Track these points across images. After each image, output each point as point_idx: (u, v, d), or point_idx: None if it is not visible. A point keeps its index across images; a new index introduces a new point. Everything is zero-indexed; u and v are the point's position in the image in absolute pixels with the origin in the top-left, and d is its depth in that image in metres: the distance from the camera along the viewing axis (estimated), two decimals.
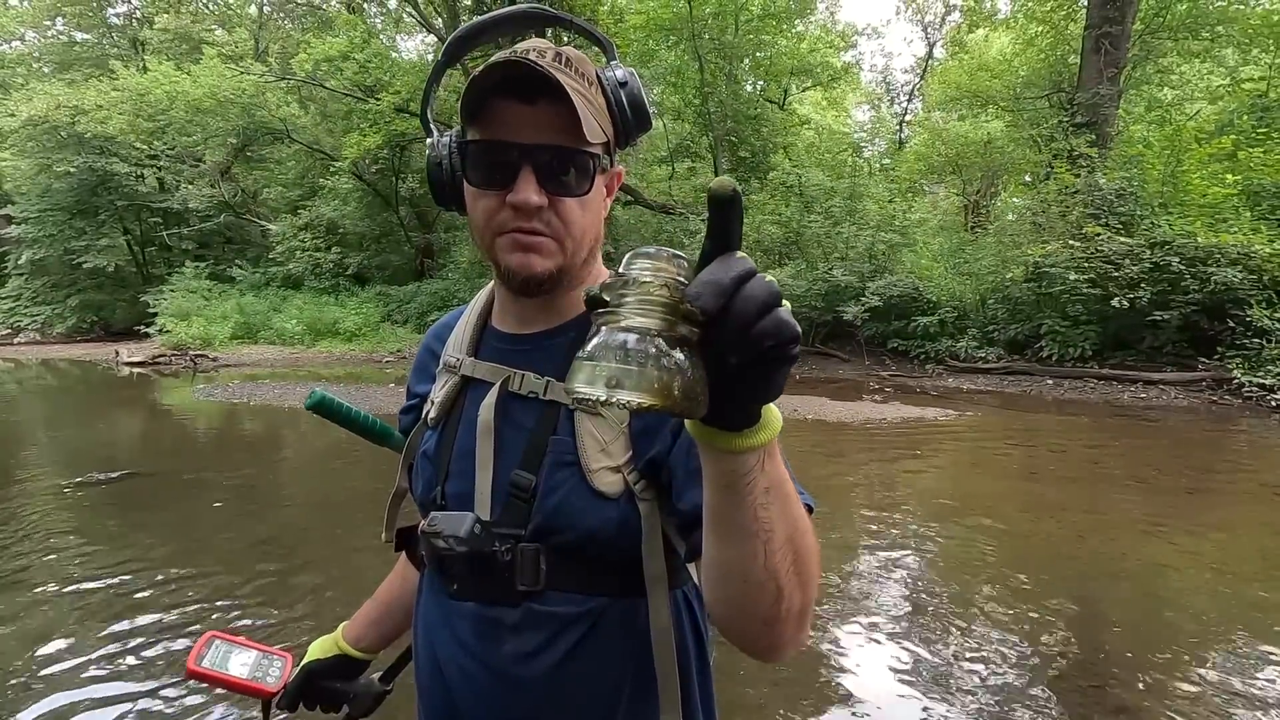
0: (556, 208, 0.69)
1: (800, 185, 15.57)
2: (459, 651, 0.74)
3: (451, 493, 0.75)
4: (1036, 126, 16.23)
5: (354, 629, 0.99)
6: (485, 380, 0.77)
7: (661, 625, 0.70)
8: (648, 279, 0.42)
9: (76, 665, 2.70)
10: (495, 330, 0.81)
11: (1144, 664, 2.74)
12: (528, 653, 0.70)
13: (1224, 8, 14.88)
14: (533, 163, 0.67)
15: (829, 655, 2.83)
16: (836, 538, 4.22)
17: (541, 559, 0.70)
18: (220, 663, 0.95)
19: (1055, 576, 3.64)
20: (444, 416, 0.79)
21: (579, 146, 0.67)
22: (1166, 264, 10.06)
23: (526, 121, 0.66)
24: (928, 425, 7.85)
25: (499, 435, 0.73)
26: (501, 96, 0.66)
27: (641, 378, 0.39)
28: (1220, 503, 5.09)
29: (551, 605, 0.70)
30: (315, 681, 0.96)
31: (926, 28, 28.09)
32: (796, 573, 0.54)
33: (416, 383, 0.89)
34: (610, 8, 18.57)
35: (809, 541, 0.55)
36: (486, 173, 0.69)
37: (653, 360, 0.39)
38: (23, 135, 20.82)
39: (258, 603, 3.28)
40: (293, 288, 21.06)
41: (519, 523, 0.70)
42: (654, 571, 0.69)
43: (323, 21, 24.39)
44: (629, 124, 0.74)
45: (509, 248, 0.70)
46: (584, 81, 0.69)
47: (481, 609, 0.72)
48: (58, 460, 6.53)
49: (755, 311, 0.40)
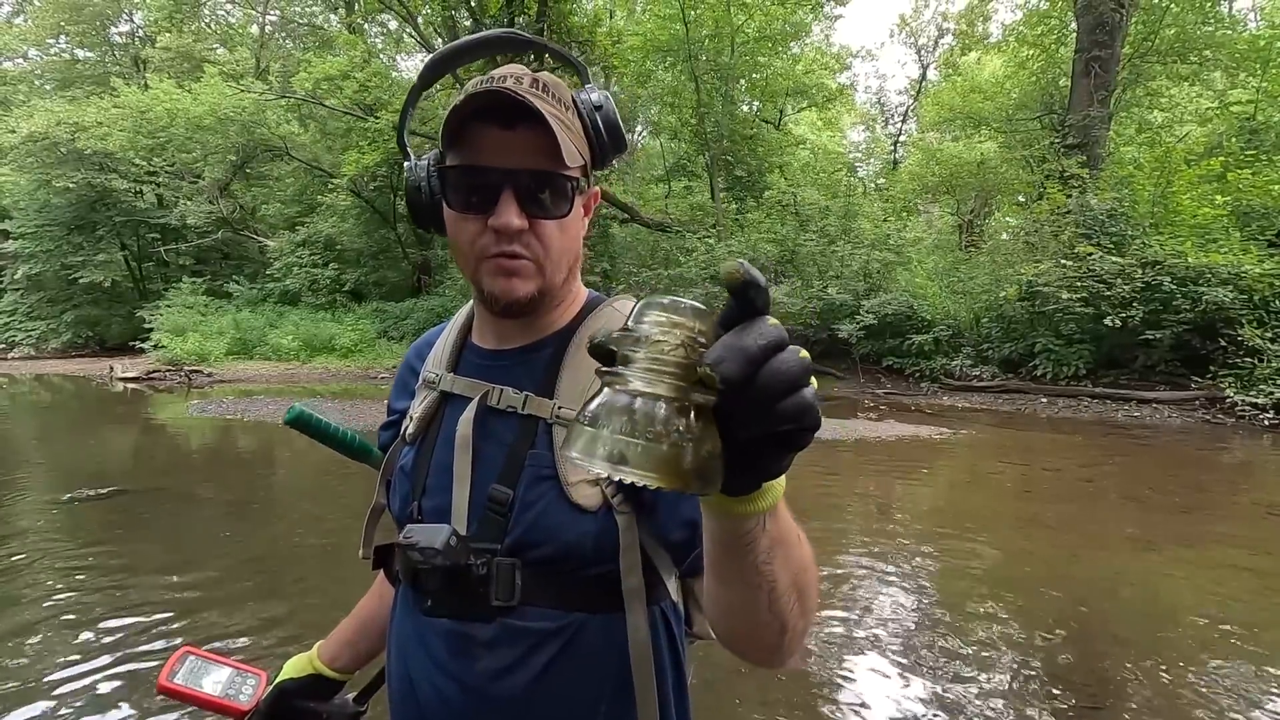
0: (536, 230, 0.70)
1: (795, 204, 15.70)
2: (432, 669, 0.73)
3: (428, 507, 0.75)
4: (1028, 147, 16.46)
5: (329, 648, 0.98)
6: (464, 395, 0.77)
7: (640, 640, 0.69)
8: (661, 337, 0.37)
9: (51, 681, 2.66)
10: (475, 346, 0.81)
11: (1140, 684, 2.72)
12: (502, 669, 0.70)
13: (1211, 33, 15.15)
14: (514, 187, 0.68)
15: (821, 676, 2.80)
16: (829, 555, 4.20)
17: (518, 574, 0.70)
18: (193, 679, 0.93)
19: (1049, 596, 3.62)
20: (422, 432, 0.79)
21: (558, 170, 0.68)
22: (1158, 283, 10.14)
23: (506, 146, 0.67)
24: (922, 443, 7.85)
25: (477, 450, 0.73)
26: (481, 122, 0.67)
27: (648, 454, 0.35)
28: (1214, 521, 5.08)
29: (527, 621, 0.70)
30: (288, 701, 0.94)
31: (920, 50, 28.56)
32: (800, 607, 0.55)
33: (397, 399, 0.89)
34: (608, 30, 18.83)
35: (812, 576, 0.56)
36: (467, 196, 0.70)
37: (662, 434, 0.35)
38: (22, 151, 20.87)
39: (244, 621, 3.24)
40: (289, 304, 21.05)
41: (496, 537, 0.70)
42: (632, 586, 0.69)
43: (323, 41, 24.65)
44: (605, 146, 0.75)
45: (492, 272, 0.71)
46: (560, 106, 0.71)
47: (456, 625, 0.71)
48: (47, 476, 6.48)
49: (782, 389, 0.36)
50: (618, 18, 22.00)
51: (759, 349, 0.35)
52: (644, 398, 0.36)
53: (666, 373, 0.36)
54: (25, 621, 3.22)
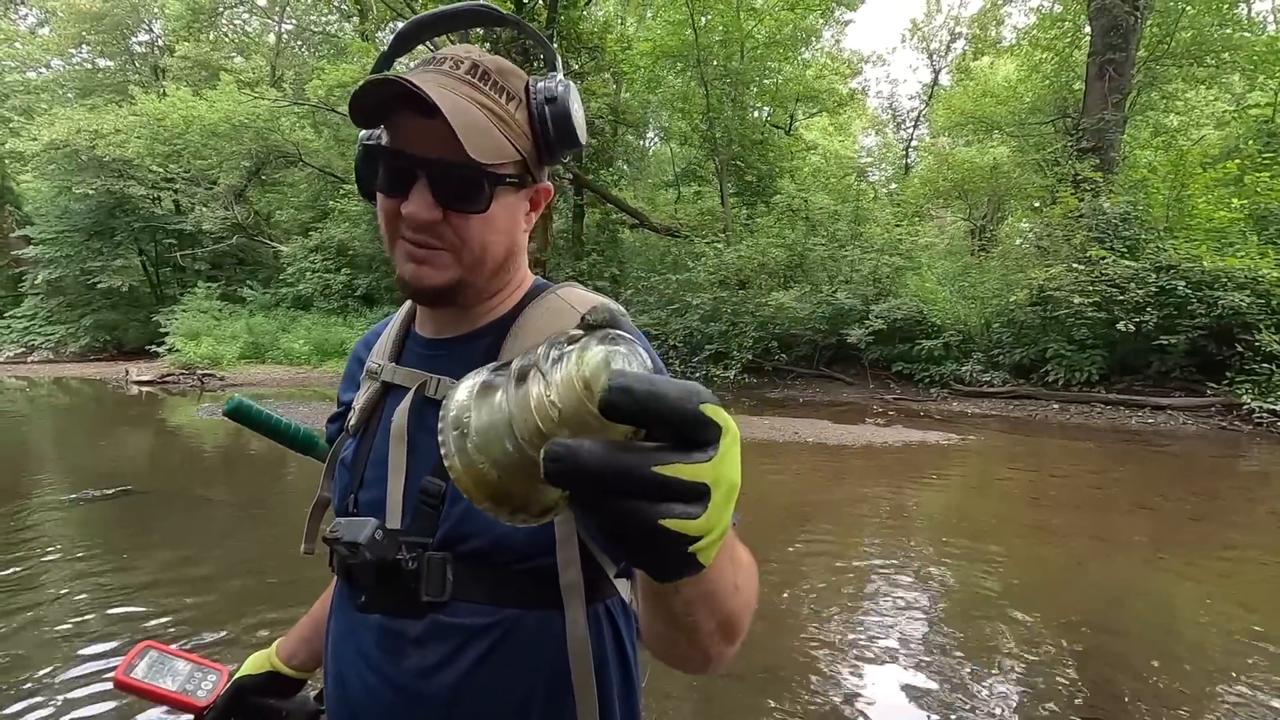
0: (452, 222, 0.68)
1: (805, 209, 15.63)
2: (363, 666, 0.71)
3: (364, 500, 0.74)
4: (1041, 151, 16.29)
5: (288, 645, 0.96)
6: (404, 386, 0.75)
7: (578, 637, 0.67)
8: (544, 393, 0.33)
9: (52, 679, 2.67)
10: (417, 336, 0.80)
11: (1150, 698, 2.65)
12: (431, 666, 0.68)
13: (1228, 35, 14.95)
14: (428, 176, 0.66)
15: (824, 686, 2.76)
16: (836, 562, 4.15)
17: (449, 568, 0.68)
18: (151, 674, 0.92)
19: (1058, 605, 3.56)
20: (364, 423, 0.78)
21: (473, 164, 0.65)
22: (1172, 288, 9.98)
23: (424, 135, 0.65)
24: (931, 449, 7.76)
25: (413, 441, 0.72)
26: (405, 106, 0.66)
27: (468, 455, 0.35)
28: (1228, 531, 4.97)
29: (458, 617, 0.68)
30: (245, 698, 0.92)
31: (932, 55, 28.42)
32: (725, 640, 0.53)
33: (344, 391, 0.88)
34: (618, 35, 18.89)
35: (745, 617, 0.54)
36: (388, 178, 0.69)
37: (495, 451, 0.34)
38: (44, 158, 21.27)
39: (245, 620, 3.25)
40: (302, 308, 21.26)
41: (428, 531, 0.69)
42: (569, 581, 0.67)
43: (337, 49, 24.95)
44: (550, 141, 0.72)
45: (404, 257, 0.70)
46: (501, 96, 0.68)
47: (387, 621, 0.70)
48: (60, 476, 6.56)
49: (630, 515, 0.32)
50: (627, 23, 22.08)
51: (687, 401, 0.31)
52: (498, 418, 0.35)
53: (529, 418, 0.33)
54: (29, 619, 3.25)
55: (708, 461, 0.32)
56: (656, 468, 0.31)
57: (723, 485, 0.33)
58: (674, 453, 0.31)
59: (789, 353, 13.89)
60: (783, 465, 6.92)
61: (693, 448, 0.32)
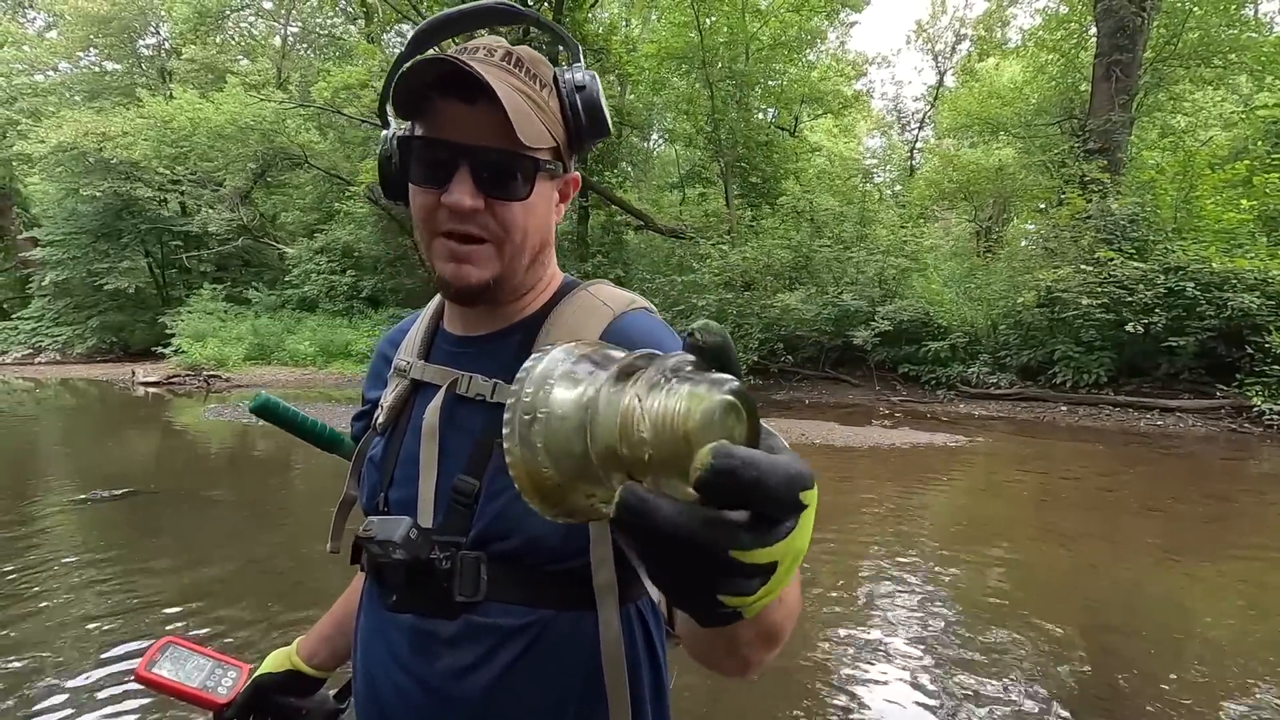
0: (495, 211, 0.67)
1: (810, 210, 15.61)
2: (394, 667, 0.70)
3: (395, 499, 0.73)
4: (1048, 152, 16.24)
5: (308, 644, 0.96)
6: (434, 383, 0.75)
7: (612, 639, 0.66)
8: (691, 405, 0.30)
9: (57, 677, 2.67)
10: (446, 333, 0.79)
11: (1161, 703, 2.63)
12: (464, 668, 0.67)
13: (1236, 36, 14.89)
14: (470, 164, 0.65)
15: (833, 687, 2.74)
16: (843, 564, 4.13)
17: (483, 568, 0.67)
18: (172, 670, 0.92)
19: (1068, 607, 3.53)
20: (392, 421, 0.77)
21: (518, 150, 0.65)
22: (1181, 289, 9.93)
23: (466, 121, 0.65)
24: (939, 451, 7.73)
25: (444, 440, 0.71)
26: (443, 95, 0.65)
27: (534, 456, 0.33)
28: (1240, 534, 4.93)
29: (491, 617, 0.67)
30: (265, 695, 0.92)
31: (937, 57, 28.35)
32: (767, 650, 0.53)
33: (370, 388, 0.87)
34: (623, 37, 18.91)
35: (786, 627, 0.53)
36: (426, 170, 0.68)
37: (567, 456, 0.33)
38: (51, 161, 21.36)
39: (250, 621, 3.24)
40: (307, 310, 21.31)
41: (461, 529, 0.68)
42: (603, 581, 0.66)
43: (343, 51, 25.01)
44: (583, 129, 0.72)
45: (443, 255, 0.69)
46: (535, 83, 0.68)
47: (418, 621, 0.69)
48: (68, 477, 6.57)
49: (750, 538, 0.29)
50: (632, 25, 22.10)
51: (787, 490, 0.28)
52: (594, 417, 0.31)
53: (616, 435, 0.30)
54: (36, 618, 3.25)
55: (784, 540, 0.30)
56: (734, 553, 0.28)
57: (789, 557, 0.30)
58: (754, 533, 0.29)
59: (795, 354, 13.86)
60: None
61: (774, 525, 0.29)
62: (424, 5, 16.17)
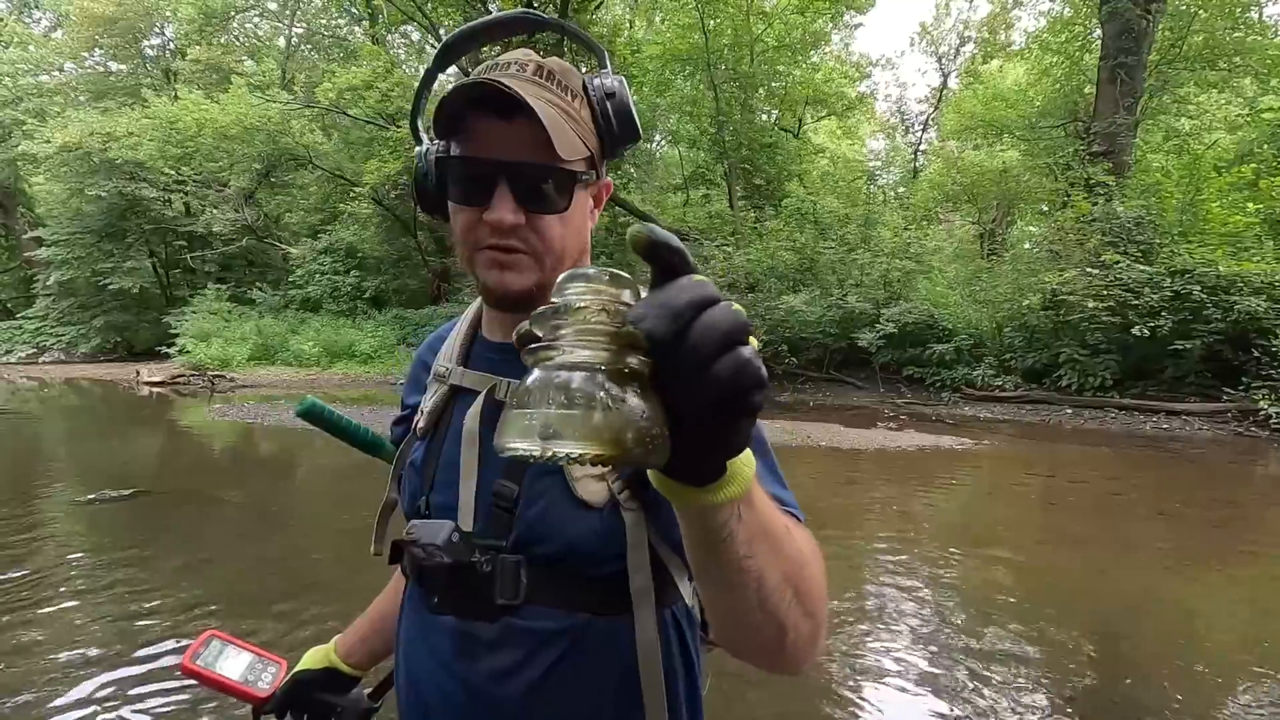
0: (534, 224, 0.68)
1: (814, 212, 15.62)
2: (437, 668, 0.71)
3: (436, 503, 0.74)
4: (1052, 155, 16.23)
5: (346, 642, 0.98)
6: (473, 389, 0.75)
7: (648, 643, 0.66)
8: (584, 303, 0.36)
9: (62, 673, 2.68)
10: (484, 340, 0.80)
11: (1171, 707, 2.62)
12: (504, 671, 0.67)
13: (1241, 39, 14.88)
14: (509, 180, 0.66)
15: (837, 691, 2.74)
16: (848, 568, 4.13)
17: (523, 572, 0.67)
18: (215, 663, 0.94)
19: (1075, 612, 3.52)
20: (432, 426, 0.78)
21: (556, 164, 0.66)
22: (1187, 292, 9.92)
23: (503, 138, 0.66)
24: (944, 453, 7.72)
25: (484, 445, 0.71)
26: (478, 113, 0.66)
27: (585, 423, 0.33)
28: (1248, 537, 4.92)
29: (530, 620, 0.67)
30: (303, 691, 0.94)
31: (941, 59, 28.38)
32: (800, 606, 0.51)
33: (409, 394, 0.88)
34: (627, 39, 18.95)
35: (810, 572, 0.53)
36: (466, 188, 0.69)
37: (598, 401, 0.33)
38: (57, 161, 21.44)
39: (258, 621, 3.24)
40: (311, 310, 21.35)
41: (501, 534, 0.68)
42: (640, 586, 0.66)
43: (348, 52, 25.09)
44: (615, 136, 0.73)
45: (487, 264, 0.70)
46: (567, 95, 0.69)
47: (460, 624, 0.70)
48: (73, 477, 6.59)
49: (714, 346, 0.34)
50: (637, 27, 22.13)
51: (684, 304, 0.34)
52: (572, 368, 0.34)
53: (593, 338, 0.35)
54: (55, 618, 3.26)
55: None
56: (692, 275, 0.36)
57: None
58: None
59: (799, 356, 13.86)
60: (796, 469, 6.89)
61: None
62: (429, 6, 16.21)
